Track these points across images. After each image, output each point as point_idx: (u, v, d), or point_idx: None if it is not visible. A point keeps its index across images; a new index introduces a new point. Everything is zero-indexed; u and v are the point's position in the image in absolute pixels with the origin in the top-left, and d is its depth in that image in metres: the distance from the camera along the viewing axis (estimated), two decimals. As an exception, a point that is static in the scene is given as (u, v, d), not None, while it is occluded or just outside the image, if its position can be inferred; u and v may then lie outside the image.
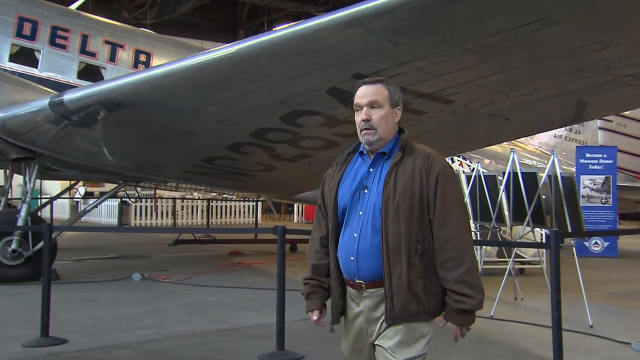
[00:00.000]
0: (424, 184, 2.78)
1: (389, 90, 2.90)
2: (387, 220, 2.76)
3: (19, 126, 8.99)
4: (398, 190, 2.77)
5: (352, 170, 2.94)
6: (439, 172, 2.80)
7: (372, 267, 2.80)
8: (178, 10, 23.47)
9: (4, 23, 10.57)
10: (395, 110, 2.91)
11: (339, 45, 5.95)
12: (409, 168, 2.81)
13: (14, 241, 9.51)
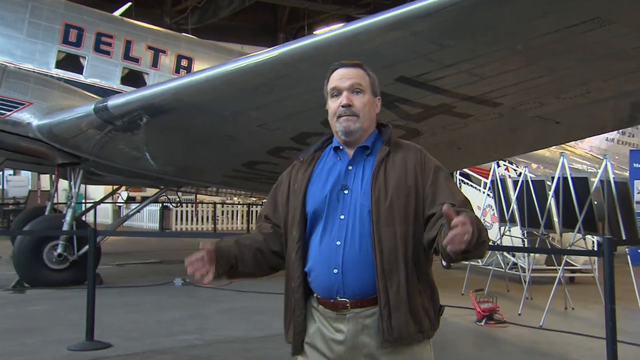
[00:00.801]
0: (419, 181, 2.45)
1: (370, 77, 2.58)
2: (380, 224, 2.38)
3: (65, 132, 9.21)
4: (390, 187, 2.42)
5: (323, 170, 2.56)
6: (436, 167, 2.50)
7: (361, 281, 2.39)
8: (219, 15, 23.75)
9: (51, 30, 10.88)
10: (376, 100, 2.59)
11: (382, 48, 5.92)
12: (400, 163, 2.48)
13: (60, 245, 9.74)
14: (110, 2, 19.24)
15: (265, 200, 2.70)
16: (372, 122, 2.56)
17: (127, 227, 20.90)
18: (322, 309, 2.45)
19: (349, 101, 2.49)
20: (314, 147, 2.64)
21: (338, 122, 2.49)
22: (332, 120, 2.53)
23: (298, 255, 2.48)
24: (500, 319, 7.61)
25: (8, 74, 9.41)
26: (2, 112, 9.15)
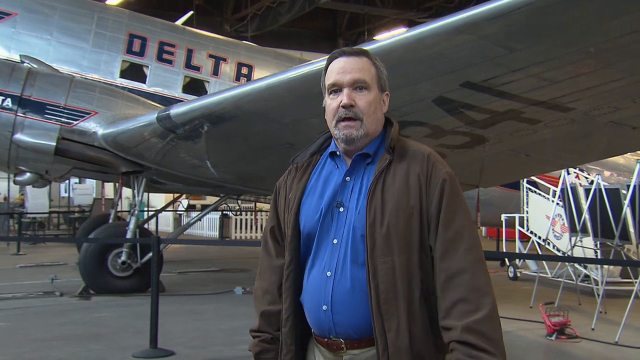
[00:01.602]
0: (424, 197, 2.05)
1: (377, 68, 2.17)
2: (374, 253, 2.01)
3: (129, 140, 9.47)
4: (388, 207, 2.03)
5: (320, 179, 2.19)
6: (444, 179, 2.05)
7: (355, 319, 2.04)
8: (278, 22, 24.04)
9: (115, 41, 11.26)
10: (383, 97, 2.19)
11: (448, 52, 5.86)
12: (402, 176, 2.07)
13: (124, 253, 10.01)
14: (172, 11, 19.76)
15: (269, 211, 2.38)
16: (379, 124, 2.16)
17: (187, 235, 21.31)
18: (318, 347, 2.14)
19: (350, 100, 2.10)
20: (310, 149, 2.27)
21: (337, 127, 2.11)
22: (330, 122, 2.15)
23: (288, 284, 2.15)
24: (572, 333, 7.40)
25: (75, 84, 9.75)
26: (69, 122, 9.49)
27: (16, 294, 9.94)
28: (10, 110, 9.21)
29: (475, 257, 2.03)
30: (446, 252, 2.02)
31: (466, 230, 2.05)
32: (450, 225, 2.03)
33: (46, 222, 23.05)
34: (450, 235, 2.02)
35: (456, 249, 2.02)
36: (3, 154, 9.37)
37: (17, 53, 10.45)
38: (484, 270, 2.05)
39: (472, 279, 1.99)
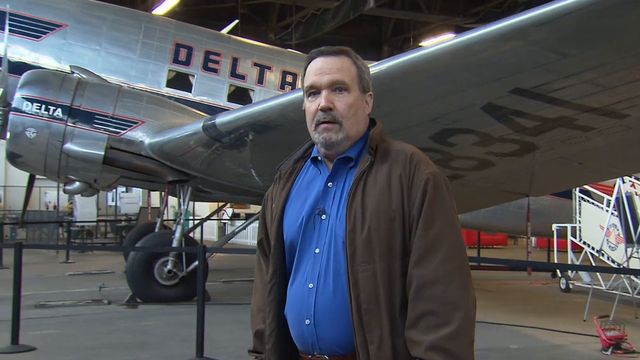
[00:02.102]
0: (406, 200, 1.96)
1: (358, 67, 2.09)
2: (355, 260, 1.93)
3: (175, 149, 9.64)
4: (368, 212, 1.94)
5: (302, 186, 2.12)
6: (427, 179, 1.96)
7: (339, 334, 1.95)
8: (323, 29, 24.15)
9: (162, 50, 11.50)
10: (366, 98, 2.10)
11: (496, 59, 5.81)
12: (383, 178, 1.98)
13: (170, 262, 10.17)
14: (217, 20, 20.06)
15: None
16: (361, 127, 2.08)
17: (231, 244, 21.53)
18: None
19: (328, 103, 2.03)
20: (294, 155, 2.20)
21: (317, 131, 2.05)
22: (309, 126, 2.09)
23: (271, 297, 2.07)
24: (628, 348, 7.21)
25: (123, 94, 9.99)
26: (117, 131, 9.72)
27: (65, 302, 10.20)
28: (60, 120, 9.48)
29: (452, 267, 1.91)
30: (421, 259, 1.91)
31: (446, 236, 1.94)
32: (429, 231, 1.93)
33: (94, 231, 23.60)
34: (428, 241, 1.92)
35: (432, 257, 1.91)
36: (53, 163, 9.64)
37: (67, 64, 10.78)
38: (462, 281, 1.92)
39: (444, 290, 1.88)
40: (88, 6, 11.62)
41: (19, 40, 10.78)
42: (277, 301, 2.07)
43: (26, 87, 9.47)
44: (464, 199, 10.61)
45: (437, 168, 2.04)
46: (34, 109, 9.35)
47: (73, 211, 22.41)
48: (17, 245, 7.32)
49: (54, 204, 24.21)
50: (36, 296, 10.29)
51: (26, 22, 10.89)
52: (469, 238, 22.64)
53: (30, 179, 12.11)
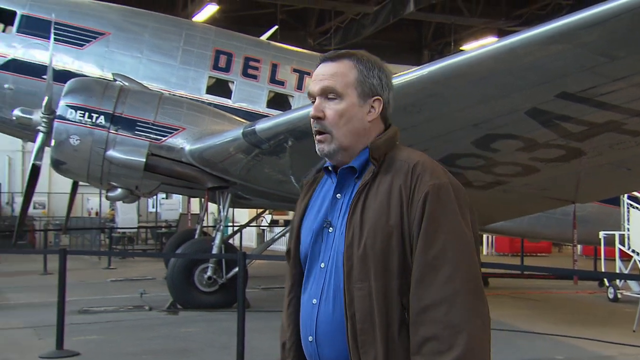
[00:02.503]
0: (405, 215, 1.85)
1: (359, 71, 1.99)
2: (351, 278, 1.86)
3: (215, 156, 9.74)
4: (366, 227, 1.87)
5: (319, 197, 2.07)
6: (429, 191, 1.84)
7: (338, 353, 1.89)
8: (362, 34, 24.16)
9: (202, 57, 11.66)
10: (370, 103, 1.99)
11: (541, 62, 5.73)
12: (384, 190, 1.89)
13: (210, 268, 10.25)
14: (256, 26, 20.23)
15: None
16: (360, 135, 1.97)
17: (269, 251, 21.61)
18: None
19: (317, 112, 1.97)
20: (318, 165, 2.13)
21: (315, 141, 2.02)
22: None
23: (290, 310, 2.06)
24: (681, 361, 7.00)
25: (164, 101, 10.14)
26: (158, 138, 9.86)
27: (108, 308, 10.38)
28: (103, 128, 9.66)
29: (456, 286, 1.78)
30: (422, 279, 1.80)
31: (450, 252, 1.81)
32: (430, 247, 1.81)
33: (135, 237, 23.98)
34: (429, 258, 1.81)
35: (434, 276, 1.79)
36: (96, 170, 9.83)
37: (110, 71, 11.00)
38: (468, 302, 1.79)
39: (447, 313, 1.77)
40: (130, 14, 11.87)
41: (63, 49, 11.05)
42: (295, 315, 2.05)
43: (70, 95, 9.68)
44: (507, 205, 10.48)
45: (447, 177, 1.91)
46: (77, 117, 9.56)
47: (115, 217, 22.81)
48: (62, 251, 7.48)
49: (96, 211, 24.69)
50: (79, 302, 10.49)
51: (70, 30, 11.16)
52: (512, 246, 22.33)
53: (74, 186, 12.39)
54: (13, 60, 10.99)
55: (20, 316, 9.75)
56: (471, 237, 1.88)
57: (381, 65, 2.04)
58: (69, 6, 11.51)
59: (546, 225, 12.62)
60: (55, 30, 10.65)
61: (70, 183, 12.67)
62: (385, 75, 2.03)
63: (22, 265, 17.13)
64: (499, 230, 13.05)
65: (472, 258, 1.85)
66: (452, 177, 1.92)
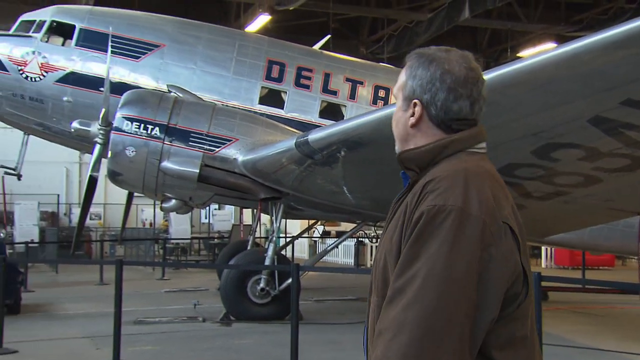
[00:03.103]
0: (403, 232, 1.78)
1: (407, 74, 1.91)
2: (370, 292, 1.92)
3: (267, 166, 9.81)
4: (381, 242, 1.91)
5: None
6: (424, 213, 1.72)
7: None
8: (415, 42, 24.02)
9: (255, 67, 11.79)
10: (411, 107, 1.90)
11: (606, 68, 5.58)
12: (403, 206, 1.84)
13: (262, 280, 10.31)
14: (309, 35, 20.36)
15: None
16: (405, 142, 1.92)
17: (322, 262, 21.63)
18: None
19: None
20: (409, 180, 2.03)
21: None
22: None
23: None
24: None
25: (217, 111, 10.28)
26: (211, 149, 10.00)
27: (162, 319, 10.55)
28: (158, 139, 9.84)
29: (408, 318, 1.64)
30: (389, 302, 1.71)
31: (418, 281, 1.67)
32: (404, 272, 1.70)
33: (188, 248, 24.33)
34: (399, 283, 1.70)
35: (396, 302, 1.69)
36: (151, 181, 10.01)
37: (165, 83, 11.23)
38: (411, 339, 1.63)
39: (388, 341, 1.66)
40: (184, 26, 12.11)
41: (119, 61, 11.34)
42: None
43: (126, 107, 9.90)
44: (568, 217, 10.23)
45: (459, 202, 1.72)
46: (133, 128, 9.76)
47: (168, 228, 23.20)
48: (118, 262, 7.62)
49: (150, 221, 25.17)
50: (135, 312, 10.69)
51: (126, 43, 11.45)
52: (573, 258, 21.77)
53: (129, 197, 12.66)
54: (72, 73, 11.34)
55: (78, 326, 10.00)
56: (459, 273, 1.68)
57: (431, 61, 1.89)
58: (126, 19, 11.82)
59: (609, 237, 12.26)
60: (112, 43, 10.94)
61: (125, 194, 12.95)
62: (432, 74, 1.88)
63: (79, 276, 17.60)
64: (558, 242, 12.75)
65: (442, 294, 1.66)
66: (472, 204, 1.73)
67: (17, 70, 11.30)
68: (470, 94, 1.88)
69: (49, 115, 11.44)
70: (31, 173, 15.04)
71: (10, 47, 11.45)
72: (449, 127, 1.89)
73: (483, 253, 1.71)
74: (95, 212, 24.82)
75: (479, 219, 1.72)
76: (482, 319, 1.71)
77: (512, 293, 1.77)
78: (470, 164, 1.84)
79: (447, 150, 1.86)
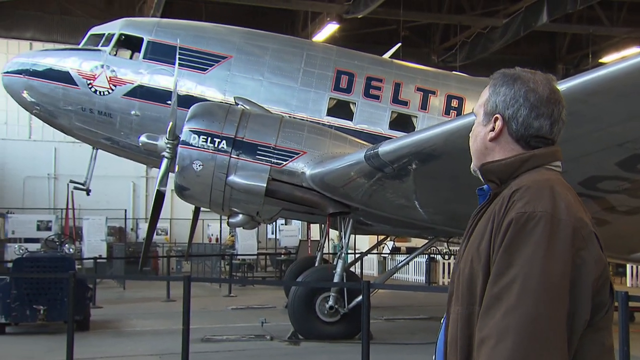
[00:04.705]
0: (493, 241, 1.87)
1: (490, 91, 2.08)
2: (450, 302, 2.00)
3: (336, 180, 9.85)
4: (465, 252, 1.98)
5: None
6: (514, 220, 1.82)
7: None
8: (489, 49, 23.78)
9: (323, 78, 11.87)
10: (492, 121, 2.04)
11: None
12: (487, 215, 1.95)
13: (331, 298, 10.32)
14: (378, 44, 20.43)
15: None
16: (483, 156, 2.06)
17: (392, 280, 21.50)
18: None
19: None
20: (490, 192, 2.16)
21: None
22: None
23: None
24: None
25: (284, 124, 10.40)
26: (278, 162, 10.10)
27: (229, 337, 10.70)
28: (225, 153, 10.01)
29: (512, 321, 1.73)
30: (486, 310, 1.80)
31: (517, 286, 1.75)
32: (500, 279, 1.79)
33: (254, 264, 24.62)
34: (496, 290, 1.79)
35: (497, 309, 1.77)
36: (218, 195, 10.18)
37: (231, 95, 11.43)
38: (517, 343, 1.72)
39: (493, 348, 1.74)
40: (251, 36, 12.30)
41: (186, 74, 11.61)
42: None
43: (193, 120, 10.11)
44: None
45: (549, 208, 1.82)
46: (200, 142, 9.96)
47: (234, 244, 23.55)
48: (186, 278, 7.76)
49: (217, 237, 25.61)
50: (202, 330, 10.85)
51: (194, 55, 11.72)
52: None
53: (196, 212, 12.91)
54: (139, 86, 11.66)
55: (147, 343, 10.26)
56: (555, 277, 1.77)
57: (515, 79, 2.03)
58: (193, 30, 12.10)
59: None
60: (179, 55, 11.22)
61: (191, 209, 13.22)
62: (515, 91, 2.01)
63: (146, 291, 18.06)
64: (647, 260, 12.32)
65: (543, 297, 1.75)
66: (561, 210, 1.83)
67: (87, 84, 11.70)
68: (551, 114, 2.02)
69: (117, 130, 11.79)
70: (99, 188, 15.58)
71: (79, 61, 11.88)
72: (527, 144, 2.02)
73: (575, 257, 1.80)
74: (162, 227, 25.41)
75: (569, 223, 1.82)
76: (576, 322, 1.80)
77: (599, 301, 1.86)
78: (552, 176, 1.96)
79: (527, 164, 1.98)
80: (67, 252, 13.38)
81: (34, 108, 12.10)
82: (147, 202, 26.53)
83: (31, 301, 10.65)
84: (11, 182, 26.28)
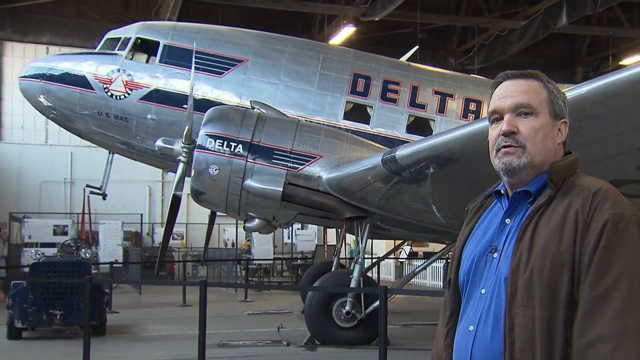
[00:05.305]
0: (579, 242, 1.85)
1: (549, 91, 2.05)
2: (514, 303, 1.89)
3: (353, 184, 9.85)
4: (534, 251, 1.89)
5: (484, 223, 2.13)
6: (607, 220, 1.83)
7: None
8: (508, 52, 23.69)
9: (340, 81, 11.88)
10: (559, 125, 2.04)
11: None
12: (559, 215, 1.90)
13: (348, 303, 10.31)
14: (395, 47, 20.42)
15: None
16: (548, 156, 2.02)
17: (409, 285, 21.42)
18: None
19: (510, 127, 2.00)
20: (487, 191, 2.20)
21: (497, 156, 2.04)
22: (491, 154, 2.09)
23: (447, 341, 2.12)
24: None
25: (301, 128, 10.40)
26: (295, 166, 10.11)
27: (245, 342, 10.71)
28: (241, 157, 10.03)
29: (628, 323, 1.74)
30: (589, 312, 1.78)
31: (624, 286, 1.77)
32: (602, 279, 1.79)
33: (270, 269, 24.65)
34: (600, 291, 1.79)
35: (603, 310, 1.77)
36: (234, 200, 10.21)
37: (248, 99, 11.46)
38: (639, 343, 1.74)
39: (614, 351, 1.73)
40: (268, 40, 12.34)
41: (203, 77, 11.66)
42: (451, 347, 2.09)
43: (209, 124, 10.14)
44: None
45: (632, 210, 1.88)
46: (216, 146, 9.99)
47: (250, 249, 23.61)
48: (202, 283, 7.78)
49: (233, 242, 25.67)
50: (218, 335, 10.88)
51: (210, 59, 11.77)
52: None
53: (212, 217, 12.95)
54: (156, 90, 11.73)
55: (163, 348, 10.30)
56: None
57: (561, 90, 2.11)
58: (209, 34, 12.15)
59: None
60: (196, 59, 11.27)
61: (207, 213, 13.27)
62: (566, 100, 2.10)
63: (162, 296, 18.15)
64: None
65: None
66: (637, 211, 1.89)
67: (103, 88, 11.78)
68: None
69: (133, 134, 11.86)
70: (115, 192, 15.68)
71: (96, 66, 11.96)
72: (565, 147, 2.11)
73: None
74: (178, 232, 25.53)
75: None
76: None
77: None
78: None
79: (577, 165, 2.05)
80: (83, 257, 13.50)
81: (51, 112, 12.21)
82: (163, 207, 26.64)
83: (48, 306, 10.74)
84: (28, 186, 26.52)
